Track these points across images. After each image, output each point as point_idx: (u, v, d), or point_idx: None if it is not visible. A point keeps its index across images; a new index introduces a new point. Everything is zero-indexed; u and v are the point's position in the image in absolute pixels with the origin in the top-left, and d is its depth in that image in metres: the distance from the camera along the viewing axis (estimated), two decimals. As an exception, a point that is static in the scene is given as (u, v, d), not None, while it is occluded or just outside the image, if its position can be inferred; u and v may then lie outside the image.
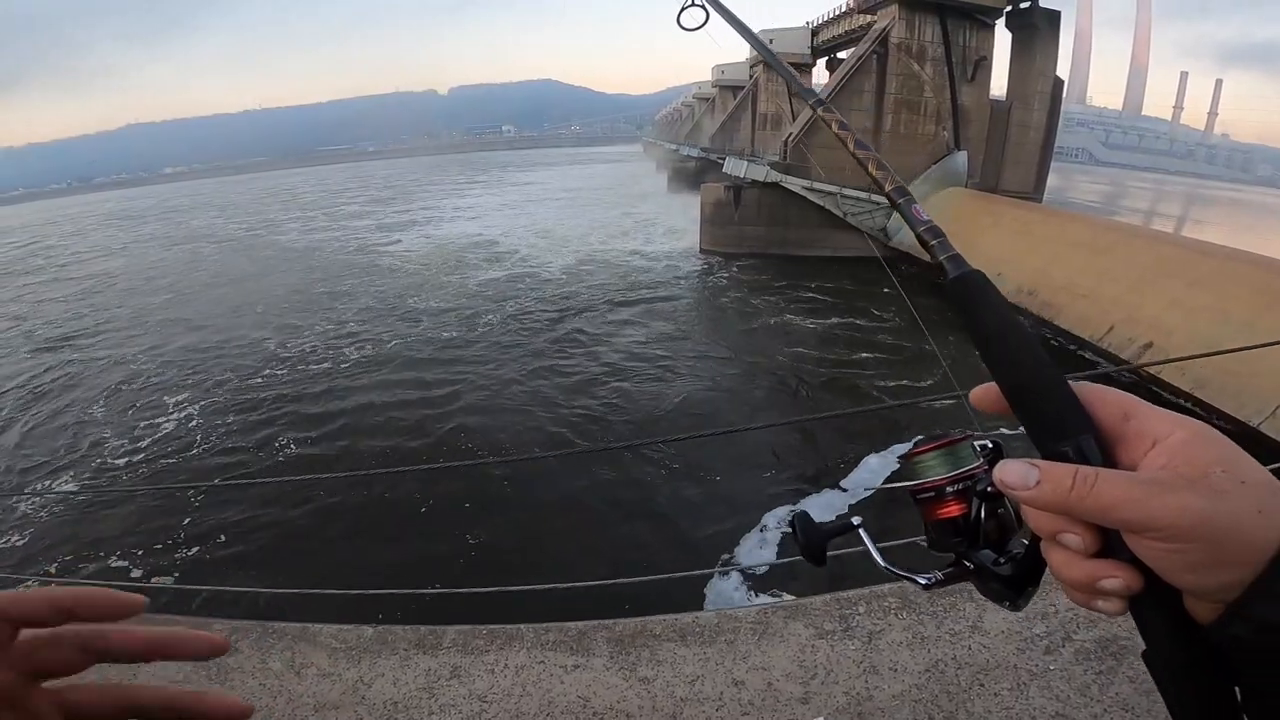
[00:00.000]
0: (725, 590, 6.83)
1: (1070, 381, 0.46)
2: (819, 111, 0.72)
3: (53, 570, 7.82)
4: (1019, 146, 28.40)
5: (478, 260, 27.26)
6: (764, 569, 6.98)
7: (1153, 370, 11.90)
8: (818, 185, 24.52)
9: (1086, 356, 14.18)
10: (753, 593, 6.78)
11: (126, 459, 10.99)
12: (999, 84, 28.97)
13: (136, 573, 7.60)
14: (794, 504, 8.68)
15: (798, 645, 2.19)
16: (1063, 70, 28.92)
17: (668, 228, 32.55)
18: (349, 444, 10.93)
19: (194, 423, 12.23)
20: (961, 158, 25.70)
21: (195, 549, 8.13)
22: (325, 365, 14.97)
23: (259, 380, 14.23)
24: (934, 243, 0.54)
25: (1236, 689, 0.39)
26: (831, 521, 0.57)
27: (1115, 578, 0.40)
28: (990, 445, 0.53)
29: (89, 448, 11.48)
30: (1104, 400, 0.45)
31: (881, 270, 22.53)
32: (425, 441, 10.99)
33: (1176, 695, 0.41)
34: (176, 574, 7.58)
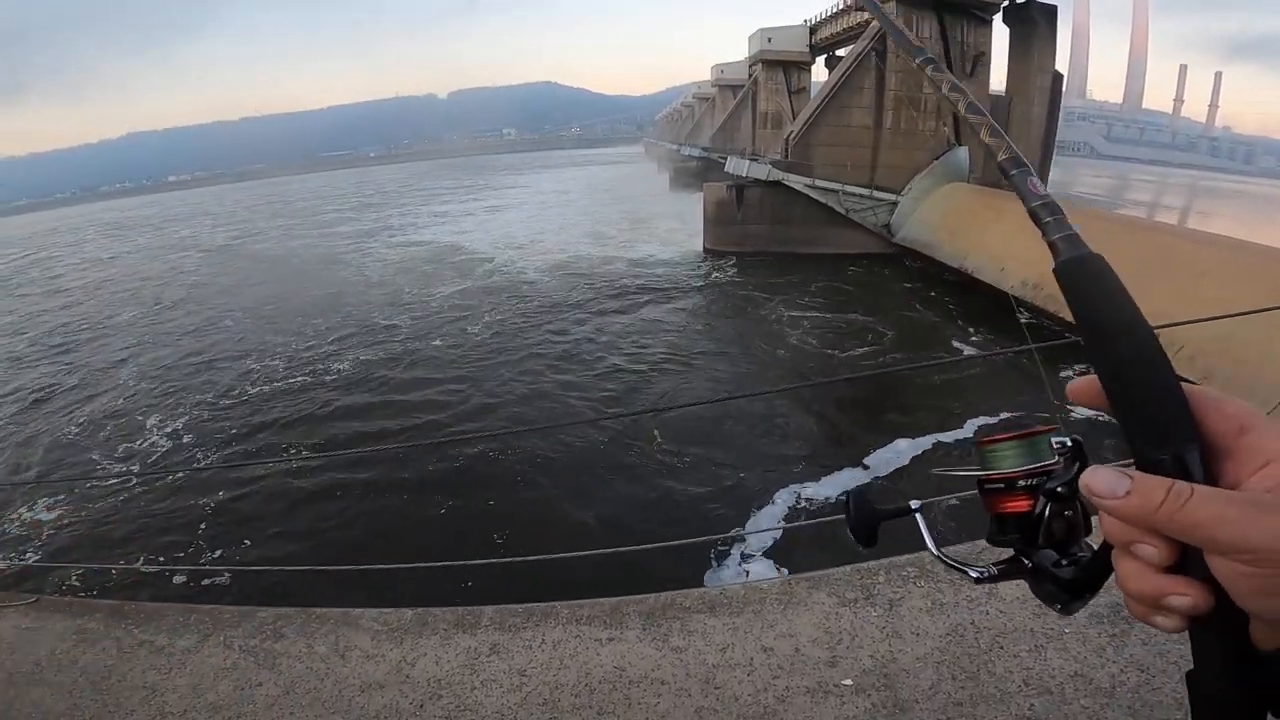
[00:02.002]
0: (742, 561, 7.01)
1: (1185, 386, 0.43)
2: (929, 71, 0.69)
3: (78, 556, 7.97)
4: (1020, 141, 28.07)
5: (500, 260, 27.57)
6: (778, 538, 7.14)
7: None
8: (820, 183, 24.60)
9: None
10: (773, 563, 6.94)
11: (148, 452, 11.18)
12: (998, 79, 29.04)
13: (162, 558, 7.74)
14: (802, 479, 8.85)
15: (822, 613, 2.30)
16: (1062, 65, 28.99)
17: (670, 227, 32.69)
18: (361, 429, 11.15)
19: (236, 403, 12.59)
20: (963, 153, 25.74)
21: (234, 532, 8.34)
22: (311, 372, 15.16)
23: (259, 382, 14.41)
24: (1048, 220, 0.49)
25: (1270, 715, 0.39)
26: (889, 506, 0.56)
27: (1185, 596, 0.39)
28: (1070, 443, 0.49)
29: (124, 434, 11.68)
30: (1220, 411, 0.42)
31: (885, 266, 22.67)
32: (449, 420, 11.49)
33: (1216, 717, 0.41)
34: (209, 558, 7.75)
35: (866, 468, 9.09)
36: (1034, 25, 27.05)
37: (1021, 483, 0.49)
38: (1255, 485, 0.39)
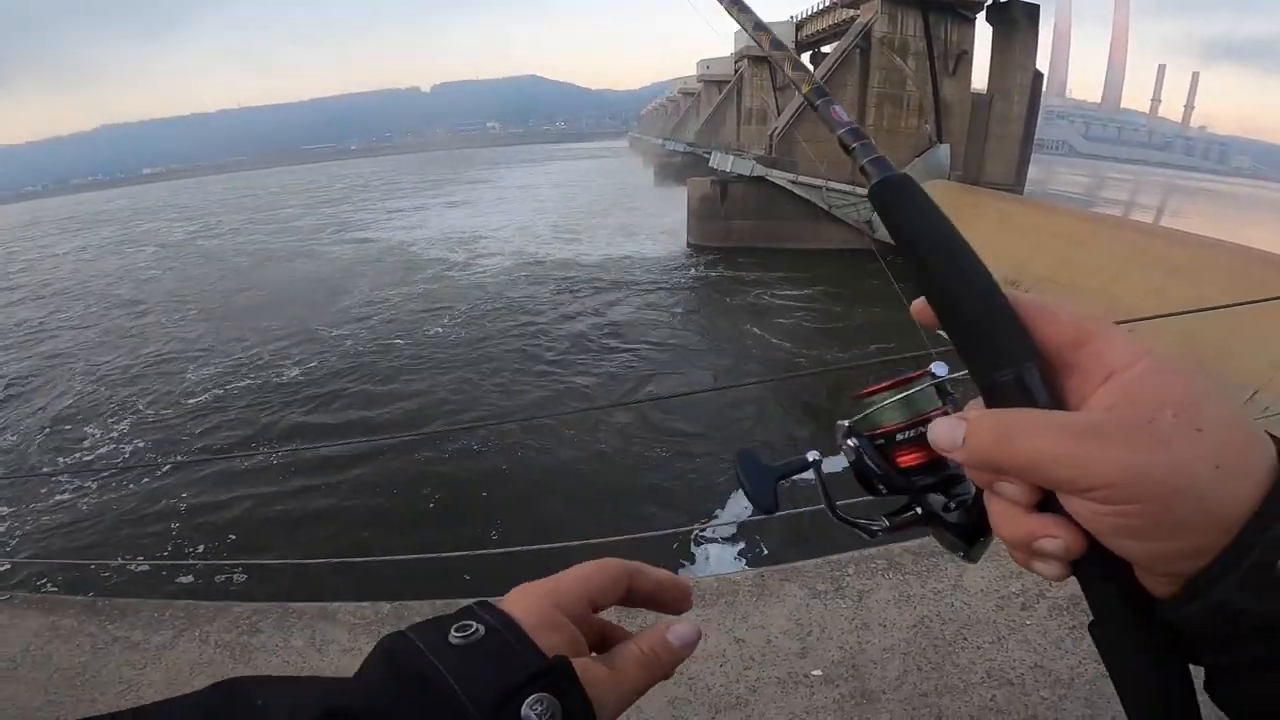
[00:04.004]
0: (715, 550, 7.09)
1: (1014, 297, 0.39)
2: (768, 47, 0.65)
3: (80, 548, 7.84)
4: (1000, 139, 28.79)
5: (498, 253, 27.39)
6: (750, 529, 7.24)
7: None
8: (803, 179, 24.75)
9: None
10: (745, 554, 7.03)
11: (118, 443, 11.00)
12: (980, 78, 29.36)
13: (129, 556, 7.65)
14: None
15: (793, 605, 2.34)
16: (1042, 64, 29.41)
17: (654, 222, 32.72)
18: (336, 420, 11.07)
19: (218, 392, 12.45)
20: (944, 150, 26.03)
21: (203, 527, 8.26)
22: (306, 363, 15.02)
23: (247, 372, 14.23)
24: (855, 145, 0.47)
25: (1192, 667, 0.34)
26: (782, 462, 0.51)
27: (1055, 538, 0.34)
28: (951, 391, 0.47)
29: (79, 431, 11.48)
30: (1055, 320, 0.37)
31: (868, 262, 22.87)
32: (425, 415, 11.49)
33: (1123, 674, 0.36)
34: (183, 554, 7.68)
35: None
36: (1016, 24, 27.39)
37: (900, 435, 0.45)
38: (1097, 403, 0.34)
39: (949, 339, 0.40)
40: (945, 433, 0.37)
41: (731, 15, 0.72)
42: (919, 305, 0.42)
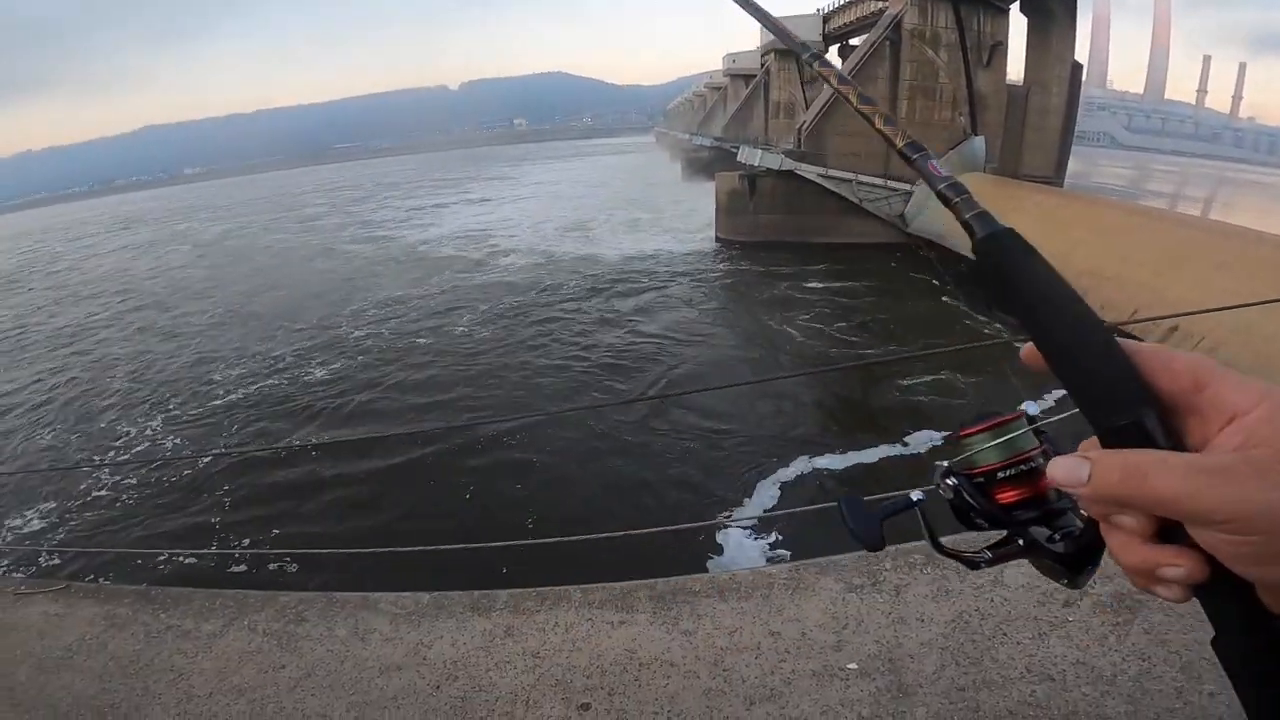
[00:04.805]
0: (748, 542, 7.08)
1: (1127, 345, 0.41)
2: (815, 66, 0.66)
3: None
4: (1038, 131, 28.08)
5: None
6: (786, 523, 7.19)
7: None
8: (833, 173, 24.45)
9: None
10: (782, 548, 7.00)
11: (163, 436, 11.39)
12: (1016, 69, 28.64)
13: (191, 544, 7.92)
14: (810, 463, 8.90)
15: (829, 598, 2.34)
16: (1081, 55, 28.54)
17: (681, 216, 32.62)
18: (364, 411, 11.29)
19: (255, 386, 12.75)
20: (979, 143, 25.48)
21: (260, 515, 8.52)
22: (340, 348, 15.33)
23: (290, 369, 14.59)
24: (957, 200, 0.49)
25: None
26: (886, 500, 0.54)
27: (1177, 566, 0.37)
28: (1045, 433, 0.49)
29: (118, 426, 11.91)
30: (1169, 367, 0.40)
31: (897, 255, 22.52)
32: (465, 407, 11.69)
33: (1249, 685, 0.38)
34: (235, 543, 7.93)
35: (867, 454, 9.15)
36: (1052, 15, 26.65)
37: (1001, 474, 0.48)
38: (1222, 444, 0.37)
39: (1064, 386, 0.42)
40: (1068, 471, 0.40)
41: (828, 81, 0.65)
42: (1029, 351, 0.44)
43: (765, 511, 7.73)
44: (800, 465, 9.01)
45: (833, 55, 39.12)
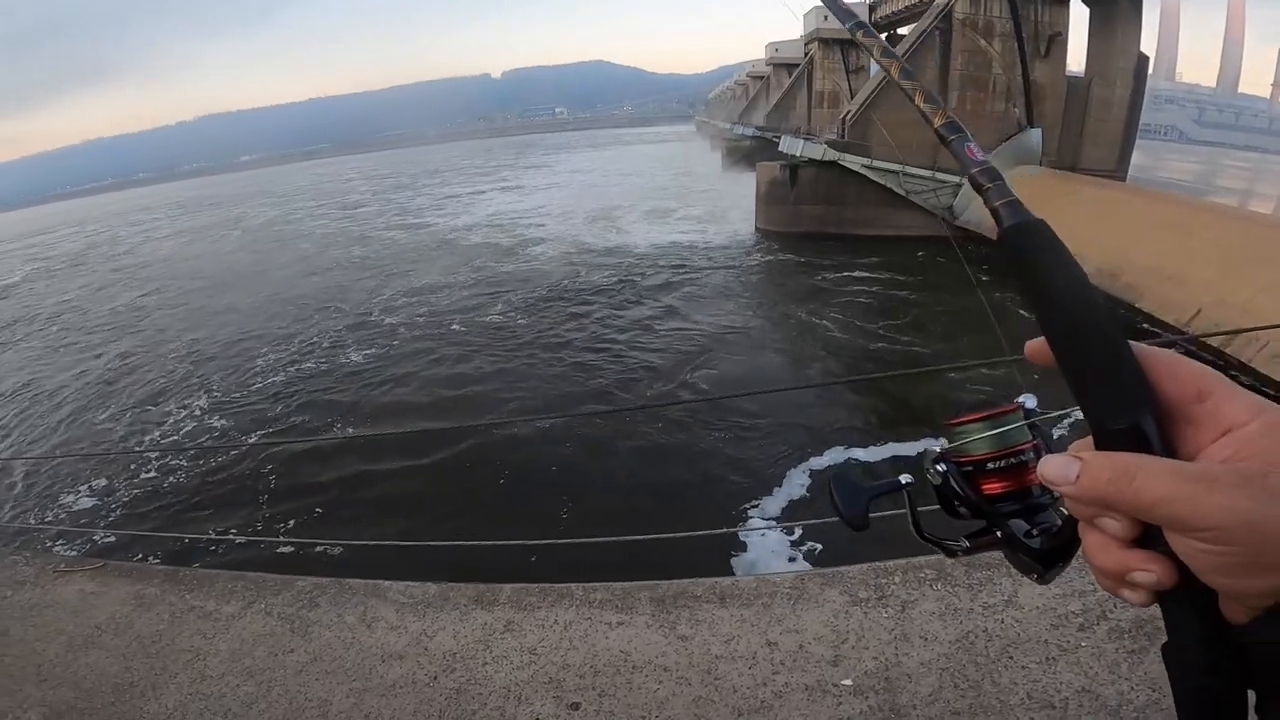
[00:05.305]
0: (762, 548, 6.99)
1: (1139, 348, 0.42)
2: (858, 35, 0.65)
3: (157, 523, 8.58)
4: (1100, 123, 26.84)
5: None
6: (800, 528, 7.08)
7: (1219, 344, 11.04)
8: (878, 164, 23.84)
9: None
10: (792, 548, 6.90)
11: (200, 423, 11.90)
12: (1077, 61, 27.38)
13: (222, 527, 8.27)
14: (828, 471, 8.72)
15: (832, 611, 2.29)
16: (1148, 46, 27.09)
17: (721, 206, 32.33)
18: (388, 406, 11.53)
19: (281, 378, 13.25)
20: (1035, 135, 24.50)
21: (280, 506, 8.81)
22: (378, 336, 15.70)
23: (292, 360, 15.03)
24: (990, 186, 0.47)
25: (1250, 693, 0.38)
26: (875, 482, 0.54)
27: (1149, 571, 0.38)
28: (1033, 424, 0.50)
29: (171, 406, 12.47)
30: (1175, 374, 0.41)
31: (943, 249, 21.84)
32: (487, 403, 11.74)
33: (1193, 694, 0.39)
34: (259, 528, 8.22)
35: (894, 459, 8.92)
36: (1117, 5, 25.37)
37: (990, 465, 0.49)
38: (1212, 455, 0.38)
39: (1067, 381, 0.42)
40: (1057, 469, 0.41)
41: (871, 51, 0.64)
42: (1036, 346, 0.45)
43: (782, 514, 7.61)
44: (833, 455, 8.88)
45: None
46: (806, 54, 45.64)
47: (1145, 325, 13.53)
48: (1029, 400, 0.51)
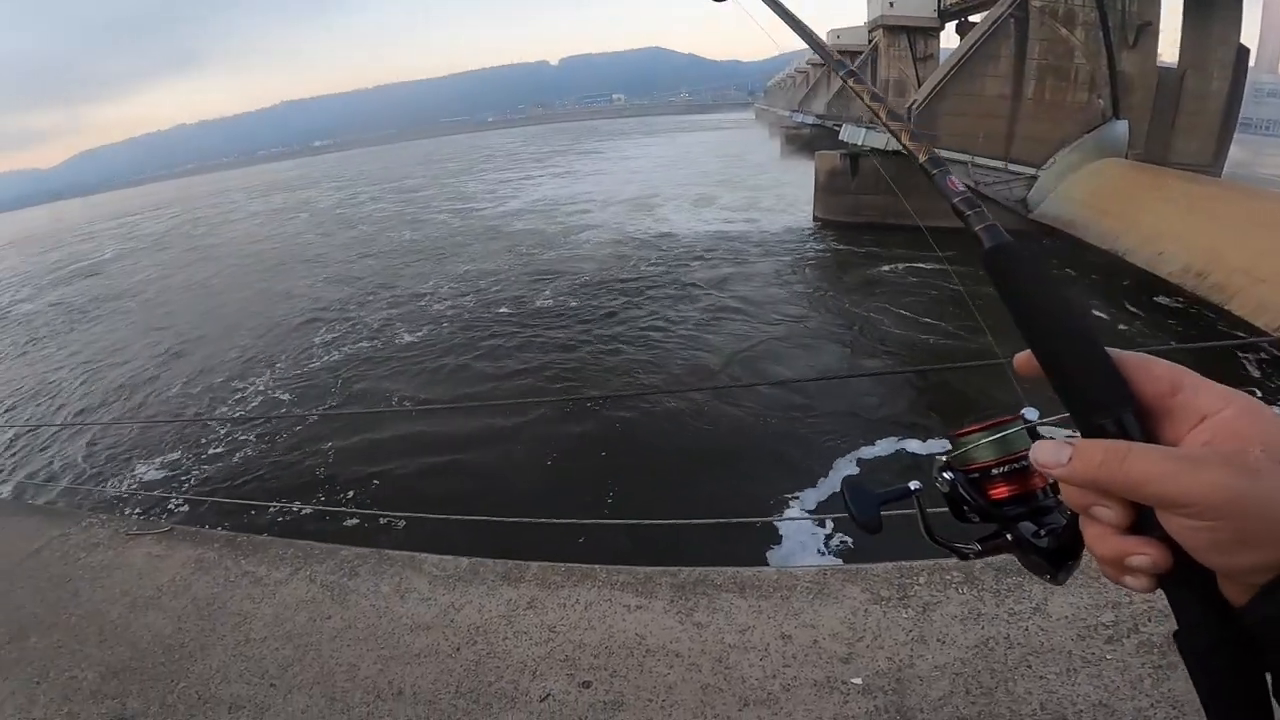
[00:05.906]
0: (794, 541, 6.91)
1: (1114, 353, 0.45)
2: (849, 82, 0.71)
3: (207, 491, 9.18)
4: (1194, 116, 25.00)
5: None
6: (832, 520, 6.97)
7: None
8: (946, 154, 22.87)
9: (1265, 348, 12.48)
10: (823, 543, 6.81)
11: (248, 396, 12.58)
12: (1171, 51, 25.56)
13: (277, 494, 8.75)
14: (877, 467, 8.54)
15: (850, 608, 2.27)
16: (1249, 38, 25.03)
17: (778, 195, 31.81)
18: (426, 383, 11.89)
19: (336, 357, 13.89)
20: (1121, 127, 23.00)
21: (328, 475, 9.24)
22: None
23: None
24: (969, 213, 0.53)
25: (1269, 674, 0.39)
26: (885, 488, 0.57)
27: (1144, 554, 0.40)
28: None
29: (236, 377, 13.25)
30: (1149, 373, 0.44)
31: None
32: (549, 378, 11.98)
33: (1206, 676, 0.40)
34: (322, 498, 8.62)
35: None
36: (1215, -5, 23.52)
37: (995, 470, 0.52)
38: (1193, 441, 0.41)
39: (1054, 388, 0.45)
40: (1049, 453, 0.44)
41: (861, 97, 0.71)
42: (1024, 358, 0.48)
43: (818, 507, 7.50)
44: (885, 446, 8.75)
45: (949, 32, 36.29)
46: (871, 41, 44.00)
47: (1224, 326, 12.61)
48: (1030, 412, 0.52)
